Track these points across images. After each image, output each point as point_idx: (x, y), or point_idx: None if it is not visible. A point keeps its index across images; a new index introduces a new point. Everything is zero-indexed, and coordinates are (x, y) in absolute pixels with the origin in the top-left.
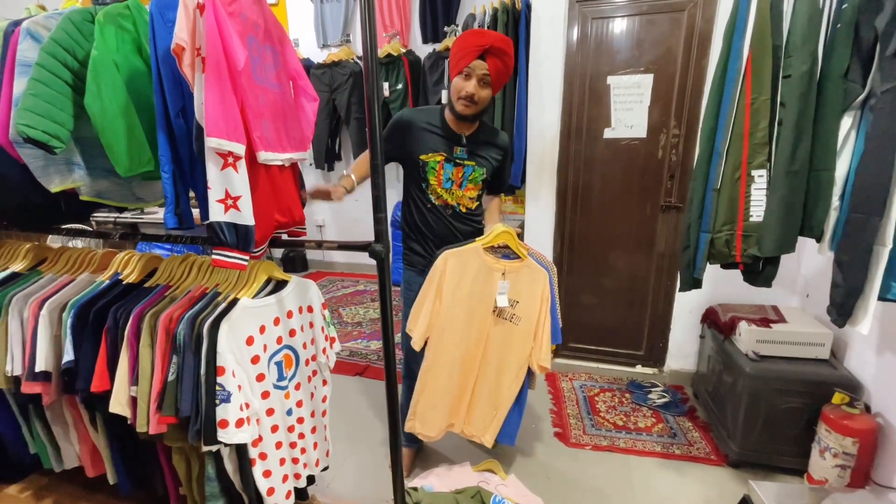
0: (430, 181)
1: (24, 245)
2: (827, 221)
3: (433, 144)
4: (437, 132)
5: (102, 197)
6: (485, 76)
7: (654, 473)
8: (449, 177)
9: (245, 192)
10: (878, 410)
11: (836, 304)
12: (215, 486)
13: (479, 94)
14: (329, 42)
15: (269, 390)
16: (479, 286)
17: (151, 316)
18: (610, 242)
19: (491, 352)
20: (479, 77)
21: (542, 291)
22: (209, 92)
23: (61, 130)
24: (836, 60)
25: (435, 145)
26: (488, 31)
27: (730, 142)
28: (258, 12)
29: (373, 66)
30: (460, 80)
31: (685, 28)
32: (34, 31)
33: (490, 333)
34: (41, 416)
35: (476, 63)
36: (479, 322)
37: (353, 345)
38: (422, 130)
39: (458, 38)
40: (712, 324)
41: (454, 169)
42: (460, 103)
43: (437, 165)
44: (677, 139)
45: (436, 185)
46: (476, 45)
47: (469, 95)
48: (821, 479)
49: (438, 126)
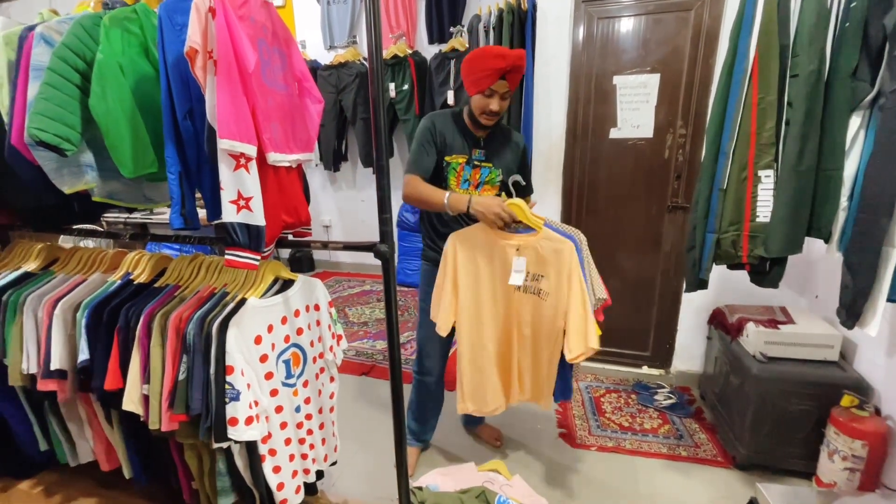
0: (449, 182)
1: (37, 245)
2: (835, 222)
3: (458, 147)
4: (458, 134)
5: (114, 198)
6: (506, 93)
7: (659, 475)
8: (467, 178)
9: (256, 192)
10: (888, 413)
11: (845, 305)
12: (226, 481)
13: (501, 108)
14: (336, 43)
15: (278, 388)
16: (496, 264)
17: (162, 316)
18: (616, 243)
19: (524, 328)
20: (500, 94)
21: (570, 263)
22: (221, 94)
23: (72, 133)
24: (844, 59)
25: (459, 148)
26: (505, 52)
27: (736, 142)
28: (266, 15)
29: (378, 67)
30: (482, 99)
31: (692, 27)
32: (47, 36)
33: (519, 310)
34: (56, 412)
35: (498, 83)
36: (505, 300)
37: (359, 345)
38: (446, 133)
39: (474, 56)
40: (719, 325)
41: (472, 171)
42: (484, 118)
43: (458, 167)
44: (684, 139)
45: (454, 187)
46: (496, 68)
47: (493, 112)
48: (829, 483)
49: (459, 129)
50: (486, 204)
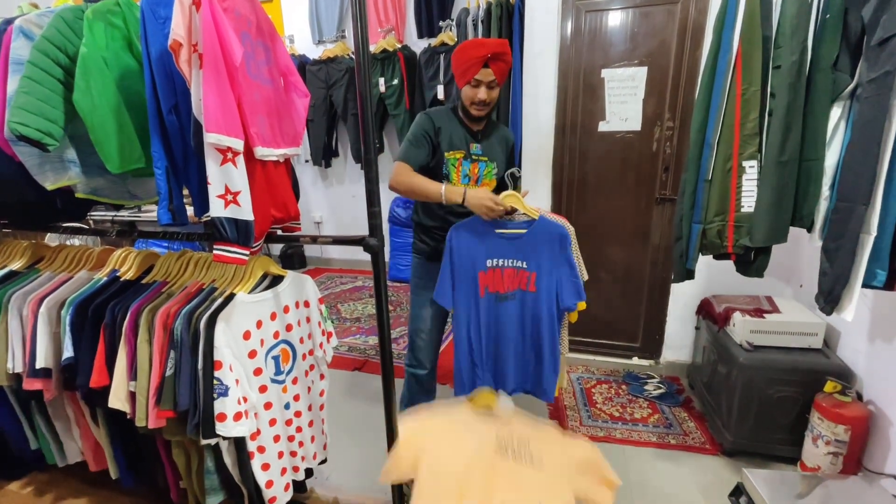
0: (451, 179)
1: (22, 243)
2: (817, 211)
3: (457, 141)
4: (457, 128)
5: (97, 194)
6: (492, 82)
7: (649, 463)
8: (466, 173)
9: (244, 187)
10: (869, 398)
11: (823, 291)
12: (215, 479)
13: (489, 97)
14: (324, 38)
15: (267, 384)
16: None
17: (149, 312)
18: (605, 235)
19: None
20: (486, 83)
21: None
22: (207, 88)
23: (54, 128)
24: (824, 51)
25: (458, 142)
26: (485, 40)
27: (721, 133)
28: (250, 8)
29: (364, 61)
30: (470, 89)
31: (679, 20)
32: (27, 29)
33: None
34: (43, 412)
35: (482, 72)
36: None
37: (351, 340)
38: (444, 127)
39: (457, 50)
40: (707, 315)
41: (471, 165)
42: (474, 108)
43: (456, 163)
44: (671, 131)
45: (456, 182)
46: (478, 56)
47: (481, 101)
48: (814, 467)
49: (457, 123)
50: (478, 197)
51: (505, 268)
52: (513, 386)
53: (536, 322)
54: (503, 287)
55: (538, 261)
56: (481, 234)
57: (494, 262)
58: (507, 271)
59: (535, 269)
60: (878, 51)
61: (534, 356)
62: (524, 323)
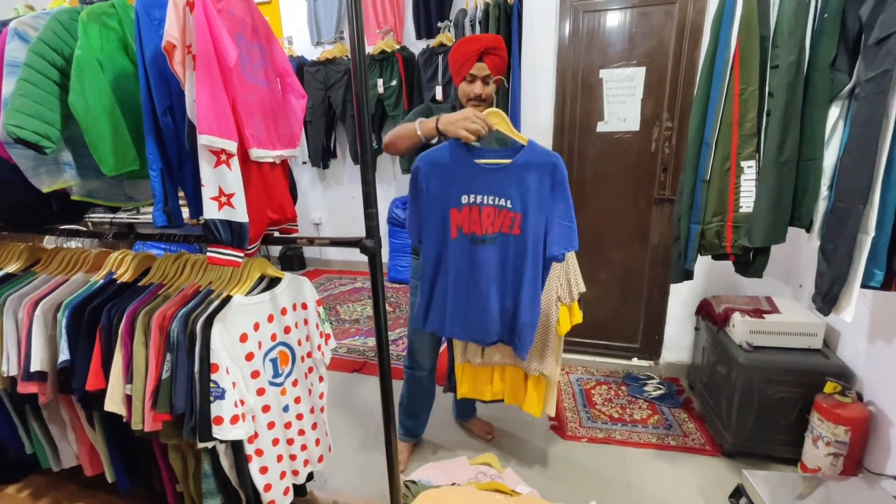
0: None
1: (19, 246)
2: (816, 211)
3: None
4: None
5: (93, 196)
6: (487, 76)
7: (649, 465)
8: None
9: (238, 189)
10: (869, 399)
11: (821, 292)
12: (212, 482)
13: (485, 92)
14: (323, 39)
15: (265, 387)
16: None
17: (145, 314)
18: (604, 236)
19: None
20: (482, 78)
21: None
22: (200, 89)
23: (51, 130)
24: (822, 50)
25: None
26: (479, 36)
27: (719, 133)
28: (245, 9)
29: (360, 61)
30: (466, 85)
31: (677, 20)
32: (22, 32)
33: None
34: (38, 415)
35: (476, 66)
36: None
37: (350, 342)
38: None
39: (453, 48)
40: (707, 315)
41: None
42: (471, 104)
43: None
44: (670, 132)
45: None
46: (472, 50)
47: (477, 96)
48: (814, 468)
49: None
50: (454, 115)
51: (484, 205)
52: (490, 339)
53: (518, 270)
54: (480, 228)
55: (525, 198)
56: (456, 163)
57: (471, 199)
58: (486, 210)
59: (521, 208)
60: (875, 50)
61: (513, 306)
62: (505, 271)
